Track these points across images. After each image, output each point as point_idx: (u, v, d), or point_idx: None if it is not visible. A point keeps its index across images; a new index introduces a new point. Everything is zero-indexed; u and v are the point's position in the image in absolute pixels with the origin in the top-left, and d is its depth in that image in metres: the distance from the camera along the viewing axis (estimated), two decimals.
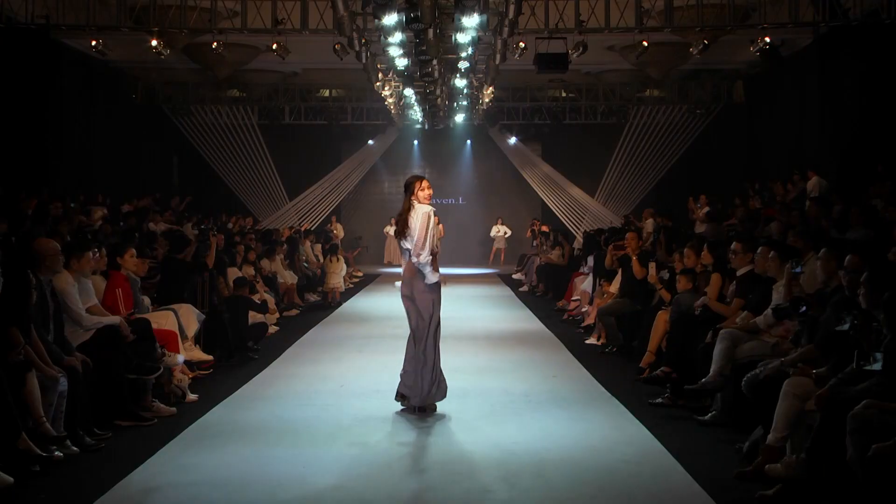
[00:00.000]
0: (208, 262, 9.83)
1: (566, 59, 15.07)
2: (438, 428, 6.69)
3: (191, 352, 8.41)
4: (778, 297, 6.68)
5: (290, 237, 16.89)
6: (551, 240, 18.41)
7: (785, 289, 6.58)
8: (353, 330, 12.22)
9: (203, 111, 22.82)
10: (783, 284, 6.64)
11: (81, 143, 17.90)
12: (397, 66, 15.35)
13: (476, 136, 26.33)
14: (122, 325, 6.93)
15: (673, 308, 8.20)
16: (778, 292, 6.72)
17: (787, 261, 6.72)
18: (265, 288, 12.59)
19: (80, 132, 17.88)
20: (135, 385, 6.87)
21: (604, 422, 6.87)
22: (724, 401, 6.65)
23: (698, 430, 6.58)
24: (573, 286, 13.84)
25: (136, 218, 14.33)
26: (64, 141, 17.05)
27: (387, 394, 7.65)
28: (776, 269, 6.93)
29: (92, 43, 15.74)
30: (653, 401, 7.36)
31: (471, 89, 19.22)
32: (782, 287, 6.64)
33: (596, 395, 7.90)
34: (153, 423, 6.73)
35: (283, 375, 8.81)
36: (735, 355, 6.61)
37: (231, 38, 16.22)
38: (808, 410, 5.12)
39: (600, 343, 10.56)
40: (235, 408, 7.36)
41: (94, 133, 18.44)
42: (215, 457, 5.91)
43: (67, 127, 17.32)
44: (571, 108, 23.60)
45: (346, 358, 9.85)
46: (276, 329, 11.90)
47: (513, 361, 9.65)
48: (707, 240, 9.48)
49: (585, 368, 9.11)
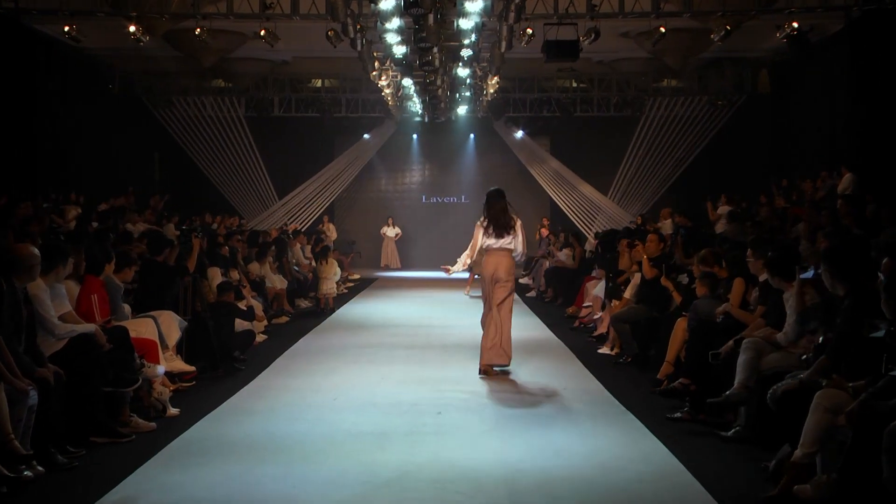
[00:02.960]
0: (190, 266, 9.82)
1: (577, 47, 15.10)
2: (439, 444, 6.68)
3: (172, 362, 8.40)
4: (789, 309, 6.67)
5: (278, 238, 16.89)
6: (561, 240, 18.40)
7: (796, 298, 6.58)
8: (348, 339, 12.21)
9: (186, 103, 22.88)
10: (793, 294, 6.62)
11: (53, 137, 17.93)
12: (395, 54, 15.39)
13: (480, 129, 26.35)
14: (97, 333, 6.92)
15: (691, 315, 8.18)
16: (790, 303, 6.70)
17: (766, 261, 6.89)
18: (252, 293, 12.59)
19: (51, 126, 17.90)
20: (111, 398, 6.86)
21: (618, 437, 6.86)
22: (748, 415, 6.64)
23: (720, 447, 6.56)
24: (584, 291, 13.83)
25: (112, 218, 14.33)
26: (34, 135, 17.07)
27: (383, 407, 7.65)
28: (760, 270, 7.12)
29: (65, 29, 15.75)
30: (671, 415, 7.35)
31: (474, 79, 19.25)
32: (792, 298, 6.62)
33: (609, 408, 7.89)
34: (131, 439, 6.71)
35: (272, 388, 8.80)
36: (760, 366, 6.60)
37: (216, 24, 16.25)
38: (840, 426, 5.10)
39: (614, 353, 10.55)
40: (220, 422, 7.35)
41: (67, 127, 18.46)
42: (198, 475, 5.89)
43: (38, 120, 17.34)
44: (582, 100, 23.63)
45: (340, 369, 9.84)
46: (265, 338, 11.90)
47: (519, 372, 9.62)
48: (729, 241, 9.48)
49: (598, 380, 9.10)
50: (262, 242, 15.10)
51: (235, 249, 13.35)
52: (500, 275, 9.48)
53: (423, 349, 11.25)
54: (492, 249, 9.52)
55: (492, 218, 9.50)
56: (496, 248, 9.50)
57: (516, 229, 9.52)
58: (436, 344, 11.73)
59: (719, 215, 15.56)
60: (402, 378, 9.21)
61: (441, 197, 27.48)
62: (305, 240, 19.10)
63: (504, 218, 9.49)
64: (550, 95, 23.62)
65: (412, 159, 27.80)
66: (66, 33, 15.85)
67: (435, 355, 10.79)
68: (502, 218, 9.48)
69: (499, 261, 9.49)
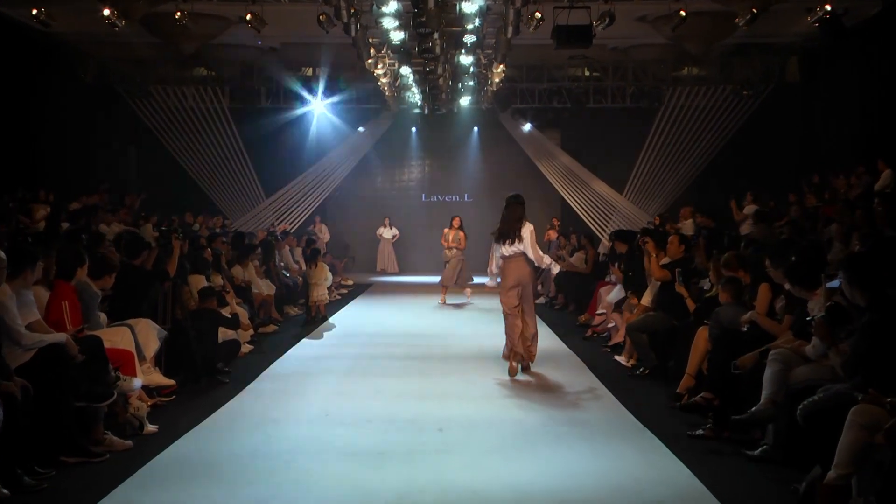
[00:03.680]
0: (170, 270, 9.83)
1: (590, 32, 15.10)
2: (441, 464, 6.67)
3: (150, 375, 8.39)
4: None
5: (264, 240, 16.91)
6: (573, 243, 18.40)
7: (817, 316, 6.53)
8: (341, 349, 12.22)
9: (165, 93, 22.91)
10: (818, 304, 6.58)
11: (20, 130, 17.93)
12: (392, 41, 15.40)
13: (484, 122, 26.38)
14: (68, 343, 6.91)
15: (713, 324, 8.18)
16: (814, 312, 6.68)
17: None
18: (237, 300, 12.59)
19: (18, 118, 17.91)
20: (83, 414, 6.85)
21: (635, 457, 6.85)
22: (776, 433, 6.63)
23: (746, 468, 6.55)
24: (598, 297, 13.82)
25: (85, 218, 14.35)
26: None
27: (379, 424, 7.64)
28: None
29: (33, 12, 15.77)
30: (692, 432, 7.35)
31: (478, 67, 19.25)
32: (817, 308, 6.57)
33: (625, 425, 7.88)
34: (105, 459, 6.70)
35: (259, 402, 8.80)
36: (789, 379, 6.59)
37: (197, 7, 16.28)
38: (878, 444, 5.08)
39: (630, 364, 10.55)
40: (202, 441, 7.34)
41: (36, 119, 18.47)
42: (178, 499, 5.88)
43: (4, 112, 17.35)
44: (596, 90, 23.66)
45: (333, 382, 9.85)
46: (251, 348, 11.91)
47: (528, 386, 9.65)
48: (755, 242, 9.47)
49: (613, 394, 9.10)
50: (248, 244, 15.10)
51: (219, 252, 13.35)
52: (525, 280, 10.28)
53: (423, 360, 11.25)
54: (507, 258, 10.25)
55: (501, 226, 10.27)
56: (510, 255, 10.23)
57: (521, 235, 10.15)
58: (437, 354, 11.73)
59: (745, 215, 15.56)
60: (400, 392, 9.20)
61: (442, 195, 27.49)
62: (295, 242, 19.11)
63: (514, 226, 10.19)
64: (561, 85, 23.64)
65: (411, 154, 27.82)
66: (34, 17, 15.87)
67: (436, 367, 10.79)
68: (512, 227, 10.20)
69: (519, 267, 10.24)
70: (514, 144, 25.85)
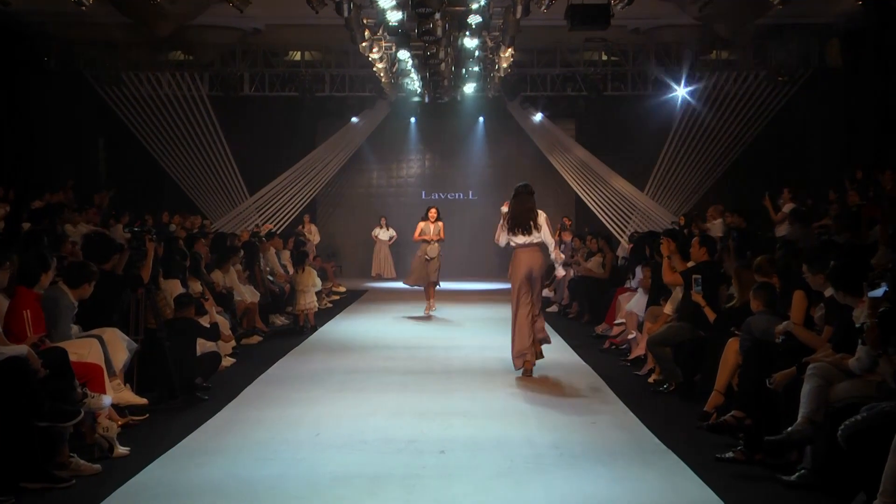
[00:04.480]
0: (143, 276, 9.84)
1: (608, 12, 15.08)
2: (442, 489, 6.67)
3: (120, 391, 8.40)
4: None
5: (247, 242, 16.90)
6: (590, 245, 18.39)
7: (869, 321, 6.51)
8: (332, 362, 12.23)
9: (137, 80, 22.92)
10: (865, 314, 6.51)
11: None
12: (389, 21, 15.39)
13: (490, 111, 26.40)
14: (30, 355, 6.91)
15: (745, 335, 8.17)
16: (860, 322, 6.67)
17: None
18: (218, 308, 12.59)
19: None
20: (47, 435, 6.84)
21: (658, 482, 6.85)
22: (815, 455, 6.63)
23: (781, 494, 6.55)
24: (616, 306, 13.83)
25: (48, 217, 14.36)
26: None
27: (374, 444, 7.63)
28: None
29: None
30: (721, 455, 7.35)
31: (484, 51, 19.25)
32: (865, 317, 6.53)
33: (647, 446, 7.89)
34: (71, 484, 6.70)
35: (241, 422, 8.81)
36: (829, 396, 6.58)
37: None
38: None
39: (652, 380, 10.55)
40: (178, 464, 7.34)
41: None
42: None
43: None
44: (614, 76, 23.66)
45: (323, 399, 9.85)
46: (232, 361, 11.94)
47: (539, 403, 9.65)
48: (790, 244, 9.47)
49: (633, 412, 9.10)
50: (229, 247, 15.10)
51: (198, 255, 13.36)
52: (537, 273, 10.84)
53: (423, 375, 11.26)
54: (521, 247, 10.80)
55: (514, 216, 10.82)
56: (524, 244, 10.78)
57: (539, 223, 10.76)
58: (437, 369, 11.74)
59: (785, 214, 15.50)
60: (398, 410, 9.21)
61: (444, 193, 27.48)
62: (282, 244, 19.10)
63: (528, 215, 10.82)
64: (576, 71, 23.63)
65: (409, 147, 27.85)
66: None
67: (437, 382, 10.81)
68: (526, 216, 10.84)
69: (532, 258, 10.85)
70: (523, 136, 25.86)
